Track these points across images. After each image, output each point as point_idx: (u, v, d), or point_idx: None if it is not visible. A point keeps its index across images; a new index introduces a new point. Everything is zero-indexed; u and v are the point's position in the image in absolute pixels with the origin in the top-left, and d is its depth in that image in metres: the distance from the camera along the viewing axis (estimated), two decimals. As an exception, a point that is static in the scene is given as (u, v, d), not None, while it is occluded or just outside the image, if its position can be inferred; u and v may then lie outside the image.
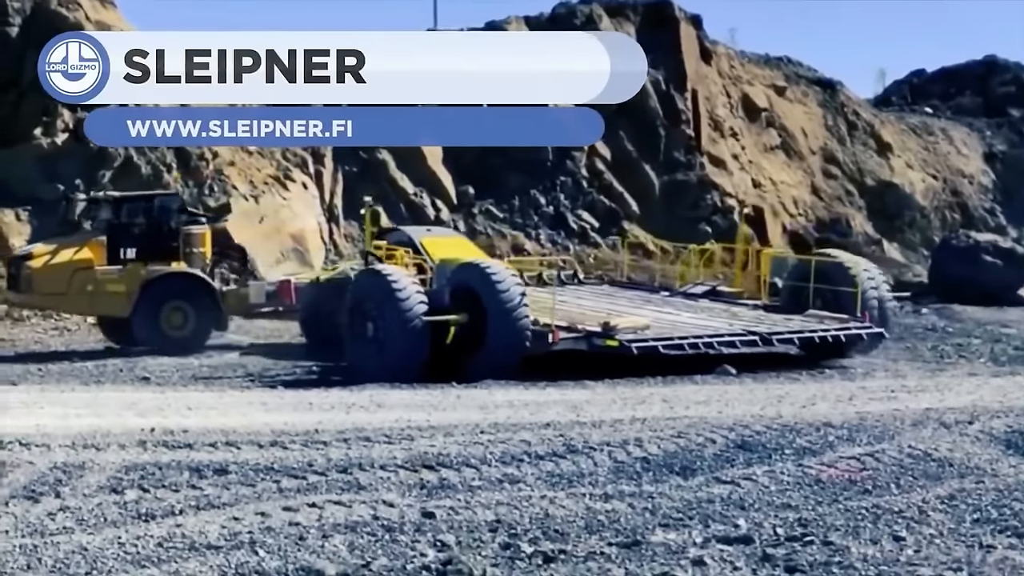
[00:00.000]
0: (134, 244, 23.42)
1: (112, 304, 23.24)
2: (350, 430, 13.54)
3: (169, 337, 22.95)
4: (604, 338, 19.25)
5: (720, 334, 20.20)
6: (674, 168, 41.76)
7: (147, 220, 23.65)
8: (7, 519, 9.59)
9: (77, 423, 13.83)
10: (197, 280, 23.63)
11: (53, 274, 22.97)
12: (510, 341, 18.93)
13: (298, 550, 8.83)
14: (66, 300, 23.43)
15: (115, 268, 23.14)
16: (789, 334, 20.73)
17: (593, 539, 9.15)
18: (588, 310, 21.19)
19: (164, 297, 23.12)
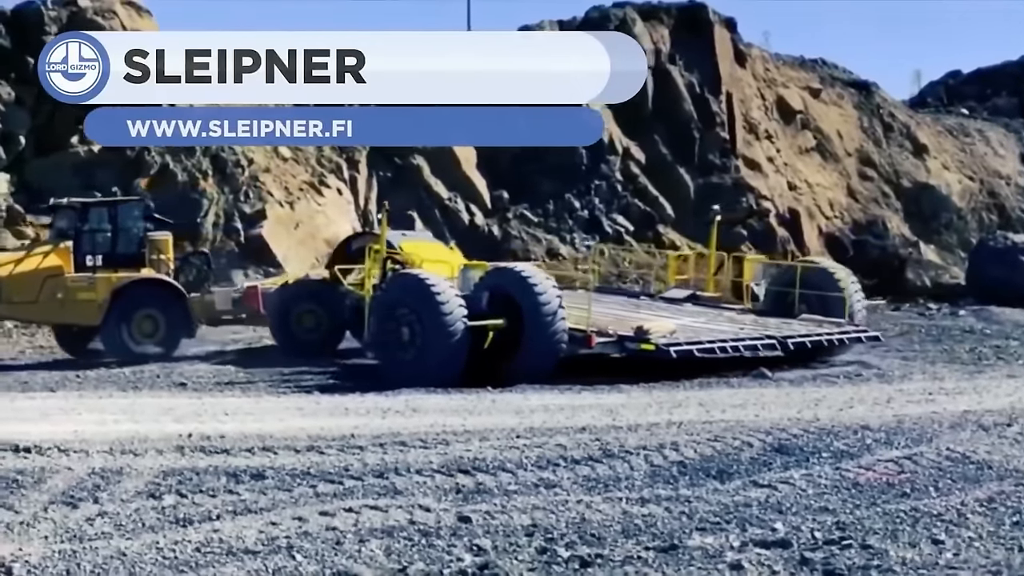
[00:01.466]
0: (100, 251, 22.81)
1: (83, 312, 22.47)
2: (386, 435, 13.56)
3: (139, 345, 22.33)
4: (639, 342, 19.26)
5: (742, 338, 20.37)
6: (709, 171, 41.64)
7: (113, 226, 23.02)
8: (46, 524, 9.66)
9: (115, 429, 13.91)
10: (167, 287, 23.00)
11: (22, 282, 22.29)
12: (547, 346, 18.96)
13: (335, 555, 8.85)
14: (36, 308, 22.60)
15: (85, 275, 22.50)
16: (801, 338, 20.91)
17: (630, 543, 9.12)
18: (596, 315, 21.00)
19: (135, 305, 22.45)
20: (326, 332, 22.96)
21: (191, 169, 33.38)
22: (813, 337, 21.10)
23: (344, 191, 35.97)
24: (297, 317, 22.86)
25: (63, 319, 22.89)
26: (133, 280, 22.54)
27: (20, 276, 22.20)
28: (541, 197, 39.08)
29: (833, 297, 22.32)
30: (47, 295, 22.20)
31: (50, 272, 22.31)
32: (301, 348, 22.31)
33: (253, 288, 23.78)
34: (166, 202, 32.49)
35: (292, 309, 22.89)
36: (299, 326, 22.85)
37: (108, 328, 22.27)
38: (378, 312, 19.37)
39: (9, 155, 31.94)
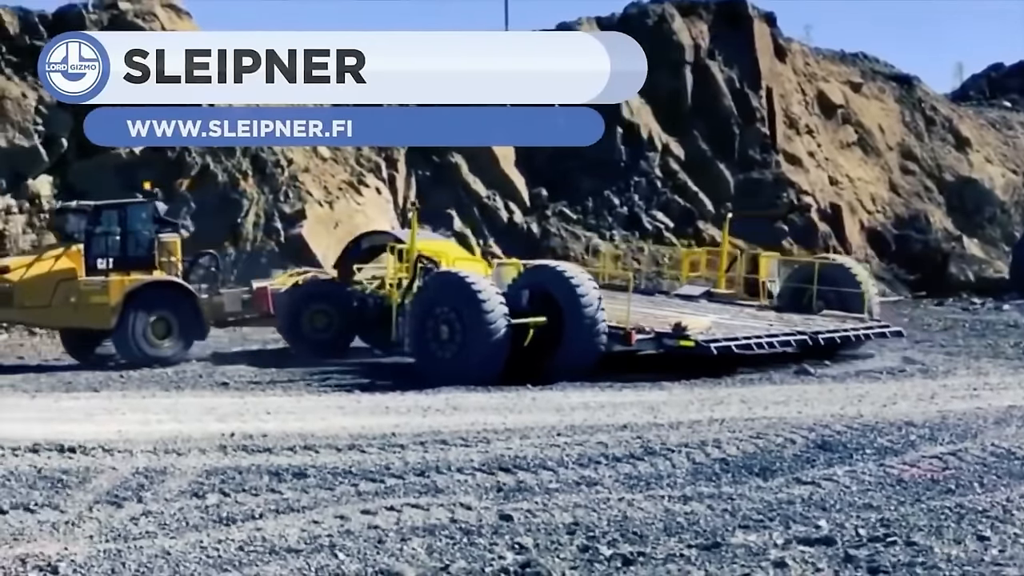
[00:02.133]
0: (111, 254, 22.44)
1: (96, 316, 22.05)
2: (427, 433, 13.59)
3: (153, 348, 22.05)
4: (678, 339, 19.25)
5: (775, 334, 20.39)
6: (749, 166, 41.49)
7: (123, 229, 22.69)
8: (91, 524, 9.73)
9: (158, 428, 14.00)
10: (180, 289, 22.72)
11: (36, 286, 21.90)
12: (587, 343, 18.97)
13: (377, 553, 8.86)
14: (49, 313, 22.17)
15: (98, 279, 22.13)
16: (830, 333, 20.99)
17: (672, 541, 9.09)
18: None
19: (147, 307, 22.08)
20: (337, 332, 22.93)
21: (231, 170, 33.56)
22: (841, 332, 21.19)
23: (383, 190, 36.06)
24: (309, 317, 22.86)
25: (76, 323, 22.46)
26: (146, 283, 22.32)
27: (32, 280, 21.92)
28: (580, 194, 39.05)
29: (850, 293, 22.47)
30: (60, 299, 21.96)
31: (63, 276, 22.03)
32: (312, 348, 22.30)
33: (263, 289, 23.59)
34: (206, 202, 32.80)
35: (303, 309, 22.87)
36: (310, 326, 22.84)
37: (121, 331, 22.02)
38: (415, 311, 19.36)
39: (51, 157, 32.19)
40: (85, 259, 22.12)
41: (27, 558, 8.66)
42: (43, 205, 31.70)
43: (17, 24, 33.20)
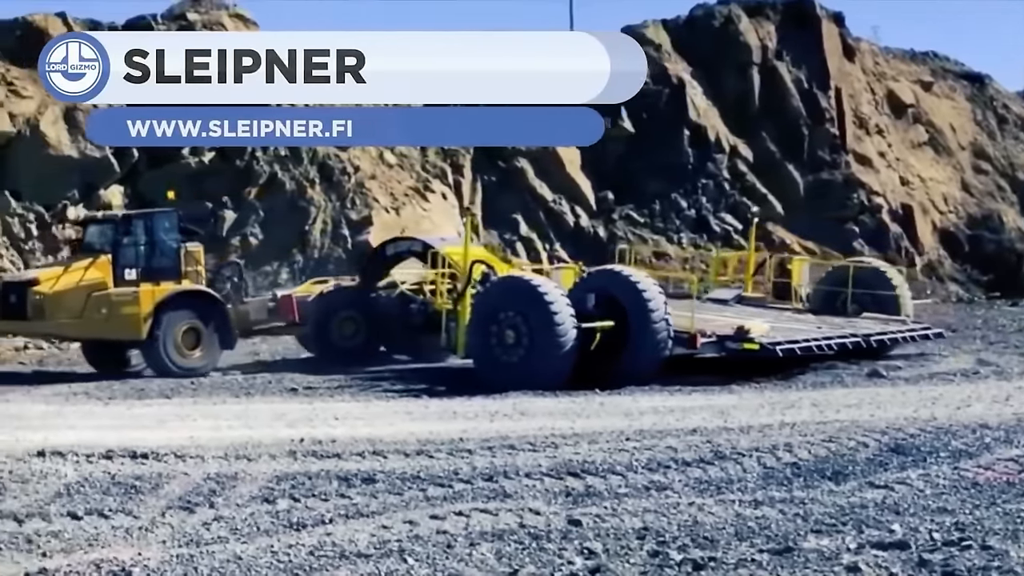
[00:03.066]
0: (138, 263, 21.94)
1: (127, 327, 21.55)
2: (495, 438, 13.57)
3: (184, 358, 21.70)
4: (742, 342, 19.21)
5: (831, 336, 20.32)
6: (819, 167, 41.13)
7: (150, 238, 22.23)
8: (164, 529, 9.82)
9: (229, 434, 14.11)
10: (209, 298, 22.34)
11: (67, 299, 21.41)
12: (653, 347, 18.92)
13: (446, 558, 8.86)
14: (80, 325, 21.59)
15: (129, 289, 21.64)
16: (880, 335, 21.03)
17: (743, 546, 9.01)
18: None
19: (178, 317, 21.72)
20: (365, 339, 22.83)
21: (299, 177, 33.82)
22: (890, 334, 21.27)
23: (449, 195, 36.15)
24: (337, 325, 22.74)
25: (107, 335, 21.88)
26: (177, 292, 21.97)
27: (64, 293, 21.45)
28: (647, 197, 38.91)
29: (885, 296, 22.58)
30: (91, 311, 21.47)
31: (94, 287, 21.56)
32: (340, 356, 22.17)
33: (287, 297, 23.33)
34: (275, 210, 33.07)
35: (332, 317, 22.72)
36: (339, 333, 22.74)
37: (151, 342, 21.63)
38: (476, 316, 19.30)
39: (122, 167, 32.60)
40: (113, 269, 21.73)
41: (102, 563, 8.76)
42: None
43: (88, 36, 33.68)
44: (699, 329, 19.47)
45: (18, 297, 21.66)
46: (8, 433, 14.25)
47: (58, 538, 9.54)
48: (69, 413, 16.55)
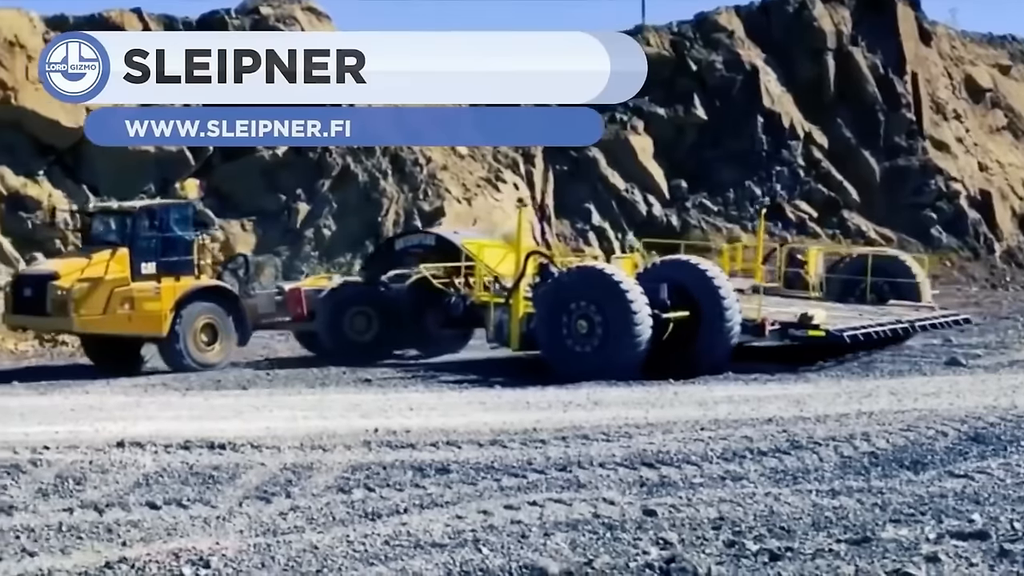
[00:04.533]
0: (155, 257, 21.21)
1: (150, 323, 20.90)
2: (568, 428, 13.55)
3: (202, 354, 21.20)
4: (807, 329, 19.16)
5: (883, 323, 20.33)
6: (895, 154, 40.62)
7: (166, 231, 21.49)
8: (241, 519, 9.91)
9: (305, 425, 14.21)
10: (226, 293, 21.81)
11: (91, 294, 20.52)
12: (724, 336, 18.93)
13: (520, 548, 8.86)
14: (104, 321, 20.68)
15: (150, 284, 20.98)
16: (921, 322, 21.16)
17: (821, 536, 8.92)
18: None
19: (196, 313, 21.20)
20: (377, 334, 22.43)
21: (371, 169, 33.97)
22: (931, 320, 21.43)
23: (521, 186, 36.13)
24: (350, 319, 22.26)
25: (130, 331, 21.10)
26: (197, 288, 21.42)
27: (88, 288, 20.58)
28: (720, 185, 38.66)
29: (905, 284, 22.70)
30: (114, 307, 20.68)
31: (117, 282, 20.74)
32: (354, 350, 21.76)
33: (296, 290, 22.88)
34: (347, 202, 33.27)
35: (345, 312, 22.31)
36: (352, 328, 22.26)
37: (171, 339, 21.03)
38: (544, 307, 19.21)
39: (198, 161, 32.94)
40: (131, 263, 21.00)
41: (180, 552, 8.85)
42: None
43: (163, 31, 34.03)
44: (766, 317, 19.40)
45: (35, 291, 20.89)
46: (88, 424, 14.48)
47: (137, 527, 9.66)
48: (147, 404, 16.77)
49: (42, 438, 13.23)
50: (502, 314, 20.16)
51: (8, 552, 9.00)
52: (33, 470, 11.65)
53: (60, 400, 17.16)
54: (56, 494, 10.79)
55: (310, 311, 22.50)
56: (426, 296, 22.29)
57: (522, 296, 19.88)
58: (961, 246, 39.51)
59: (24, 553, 8.97)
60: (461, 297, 21.59)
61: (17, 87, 30.89)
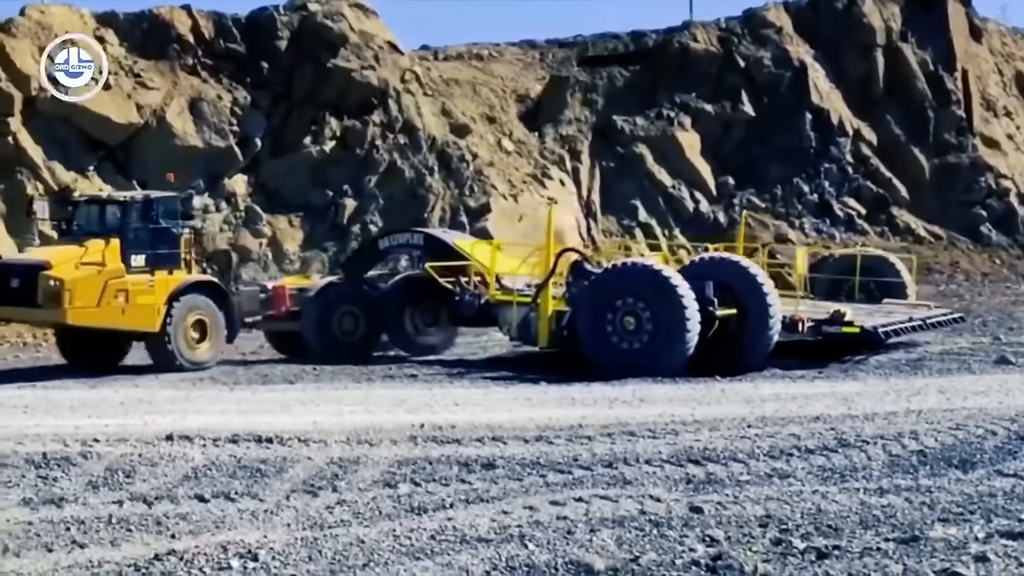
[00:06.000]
0: (143, 249, 20.30)
1: (144, 317, 20.01)
2: (614, 425, 13.54)
3: (192, 352, 20.45)
4: (841, 326, 19.37)
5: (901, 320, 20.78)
6: (945, 151, 40.27)
7: (155, 223, 20.54)
8: (289, 512, 9.97)
9: (351, 420, 14.27)
10: (216, 289, 21.14)
11: (86, 285, 19.59)
12: (766, 334, 18.97)
13: (567, 544, 8.86)
14: (98, 314, 19.70)
15: (144, 277, 20.12)
16: (931, 319, 21.69)
17: (868, 534, 8.86)
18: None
19: (187, 308, 20.38)
20: (364, 334, 22.01)
21: (418, 165, 34.05)
22: (937, 318, 21.92)
23: (567, 182, 36.11)
24: (338, 319, 21.83)
25: (122, 325, 20.19)
26: (190, 282, 20.66)
27: (81, 279, 19.62)
28: (768, 182, 38.47)
29: (893, 283, 23.07)
30: (108, 299, 19.76)
31: (112, 274, 19.85)
32: (340, 350, 21.41)
33: (281, 288, 22.43)
34: (394, 198, 33.37)
35: (333, 312, 21.86)
36: (340, 328, 21.82)
37: (161, 335, 20.21)
38: (586, 304, 19.14)
39: (246, 157, 33.15)
40: (121, 255, 20.11)
41: (228, 545, 8.92)
42: (239, 204, 32.65)
43: (212, 28, 34.28)
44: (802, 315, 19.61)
45: (23, 281, 19.74)
46: (138, 417, 14.62)
47: (186, 520, 9.75)
48: (196, 398, 16.90)
49: (92, 431, 13.39)
50: (528, 312, 20.10)
51: (59, 544, 9.11)
52: (83, 463, 11.79)
53: (110, 393, 17.32)
54: (106, 487, 10.91)
55: (292, 310, 22.06)
56: (414, 295, 22.27)
57: (549, 295, 19.85)
58: (1011, 243, 39.12)
59: (74, 545, 9.08)
60: (475, 295, 21.39)
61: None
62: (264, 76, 34.08)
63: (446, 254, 22.29)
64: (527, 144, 36.60)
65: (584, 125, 37.76)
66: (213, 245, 31.57)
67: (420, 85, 35.78)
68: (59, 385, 18.49)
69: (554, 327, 19.66)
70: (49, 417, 14.84)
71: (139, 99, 32.25)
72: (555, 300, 19.84)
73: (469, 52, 40.62)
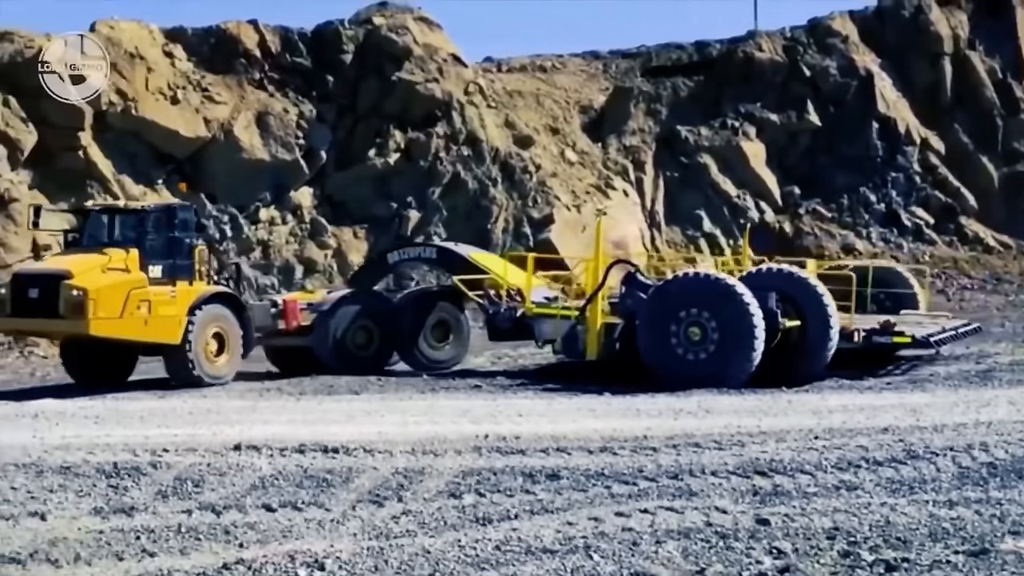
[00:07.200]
0: (160, 260, 19.85)
1: (166, 330, 19.49)
2: (679, 436, 13.48)
3: (210, 366, 20.02)
4: (891, 335, 19.50)
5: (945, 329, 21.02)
6: (1014, 159, 39.74)
7: (171, 233, 20.12)
8: (355, 522, 10.02)
9: (416, 430, 14.33)
10: (234, 301, 20.69)
11: (108, 295, 19.02)
12: (826, 344, 18.98)
13: (632, 555, 8.83)
14: (120, 325, 19.13)
15: (167, 288, 19.63)
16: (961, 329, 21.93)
17: (938, 547, 8.76)
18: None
19: (208, 320, 19.97)
20: (377, 348, 21.94)
21: (481, 176, 34.15)
22: (964, 328, 22.01)
23: (631, 192, 36.05)
24: (352, 333, 21.70)
25: (145, 337, 19.55)
26: (210, 294, 20.23)
27: (105, 289, 19.07)
28: (834, 191, 38.17)
29: (906, 295, 23.05)
30: (131, 309, 19.18)
31: (135, 283, 19.36)
32: (354, 364, 21.31)
33: (292, 302, 22.09)
34: (457, 209, 33.49)
35: (349, 325, 21.66)
36: (354, 342, 21.70)
37: (181, 348, 19.67)
38: (650, 314, 19.07)
39: (312, 169, 33.42)
40: (140, 265, 19.64)
41: (296, 554, 8.99)
42: (304, 216, 32.92)
43: (278, 42, 34.62)
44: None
45: (44, 292, 19.14)
46: (206, 427, 14.77)
47: (254, 529, 9.83)
48: (263, 408, 17.04)
49: (161, 441, 13.56)
50: (575, 325, 20.05)
51: (129, 552, 9.21)
52: (153, 472, 11.93)
53: (178, 404, 17.50)
54: (175, 496, 11.03)
55: (303, 325, 21.81)
56: (428, 310, 22.25)
57: (600, 307, 19.80)
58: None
59: (144, 553, 9.18)
60: (510, 309, 21.40)
61: (137, 98, 31.64)
62: (329, 89, 34.36)
63: (462, 268, 22.29)
64: (590, 155, 36.59)
65: (648, 135, 37.69)
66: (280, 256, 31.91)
67: (484, 97, 35.90)
68: (128, 395, 18.72)
69: (603, 339, 19.62)
70: (119, 427, 15.04)
71: (207, 113, 32.64)
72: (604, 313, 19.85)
73: (532, 64, 40.70)
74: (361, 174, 33.75)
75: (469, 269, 22.21)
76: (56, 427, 15.15)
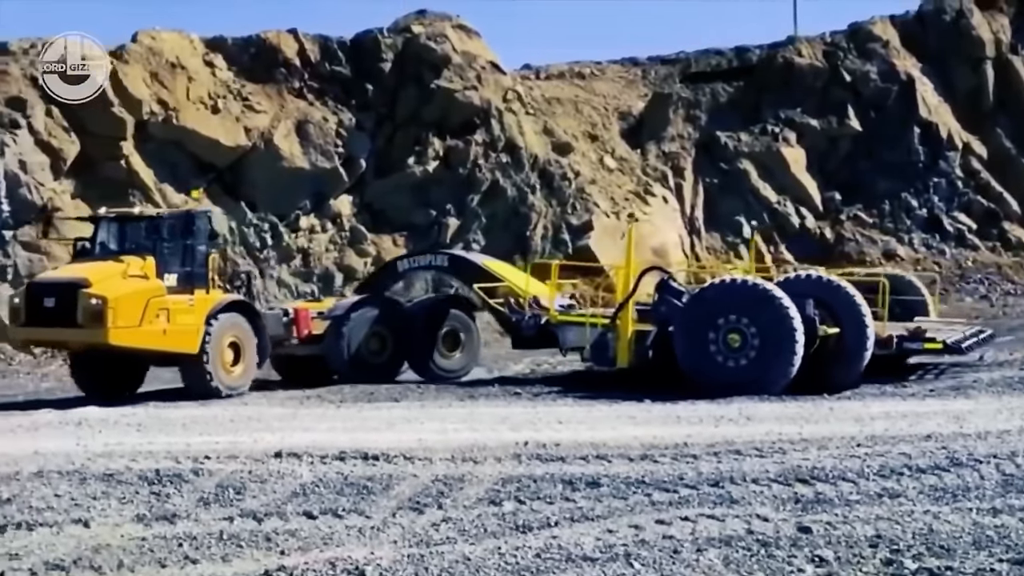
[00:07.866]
0: (177, 268, 19.72)
1: (184, 339, 19.22)
2: (720, 443, 13.43)
3: (227, 376, 19.81)
4: (923, 342, 19.58)
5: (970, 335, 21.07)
6: (1057, 164, 39.36)
7: (186, 240, 19.97)
8: (395, 529, 10.04)
9: (455, 437, 14.34)
10: (250, 310, 20.53)
11: (127, 303, 18.79)
12: (863, 350, 18.96)
13: (673, 563, 8.80)
14: (138, 334, 18.88)
15: (185, 296, 19.45)
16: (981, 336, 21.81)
17: (982, 555, 8.68)
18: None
19: (224, 329, 19.70)
20: (391, 355, 21.91)
21: (520, 184, 34.15)
22: (983, 335, 21.92)
23: (670, 199, 35.96)
24: (366, 340, 21.65)
25: (163, 346, 19.26)
26: (228, 303, 20.06)
27: (127, 296, 18.88)
28: (876, 197, 37.92)
29: (918, 303, 22.94)
30: (149, 318, 18.97)
31: (154, 292, 19.16)
32: (367, 371, 21.27)
33: (304, 311, 21.98)
34: (496, 216, 33.51)
35: (362, 332, 21.63)
36: (367, 350, 21.65)
37: (199, 358, 19.46)
38: (687, 321, 19.01)
39: (351, 178, 33.52)
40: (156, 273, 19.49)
41: (336, 561, 9.02)
42: (344, 224, 33.03)
43: (318, 51, 34.75)
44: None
45: (60, 301, 18.91)
46: (248, 435, 14.85)
47: (295, 536, 9.87)
48: (304, 416, 17.11)
49: (203, 448, 13.64)
50: (605, 333, 19.99)
51: (171, 559, 9.27)
52: (195, 479, 12.00)
53: (220, 411, 17.60)
54: (217, 503, 11.09)
55: (315, 334, 21.72)
56: (441, 318, 22.20)
57: (630, 314, 19.74)
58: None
59: (187, 560, 9.24)
60: (534, 316, 21.33)
61: (178, 107, 31.85)
62: (368, 98, 34.47)
63: (475, 275, 22.23)
64: (629, 161, 36.52)
65: (687, 142, 37.59)
66: (320, 264, 32.02)
67: (522, 104, 35.91)
68: (170, 403, 18.84)
69: (635, 347, 19.55)
70: (162, 435, 15.15)
71: (247, 122, 32.80)
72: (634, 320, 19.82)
73: (571, 70, 40.69)
74: (400, 182, 33.83)
75: (482, 277, 22.21)
76: (99, 435, 15.29)
